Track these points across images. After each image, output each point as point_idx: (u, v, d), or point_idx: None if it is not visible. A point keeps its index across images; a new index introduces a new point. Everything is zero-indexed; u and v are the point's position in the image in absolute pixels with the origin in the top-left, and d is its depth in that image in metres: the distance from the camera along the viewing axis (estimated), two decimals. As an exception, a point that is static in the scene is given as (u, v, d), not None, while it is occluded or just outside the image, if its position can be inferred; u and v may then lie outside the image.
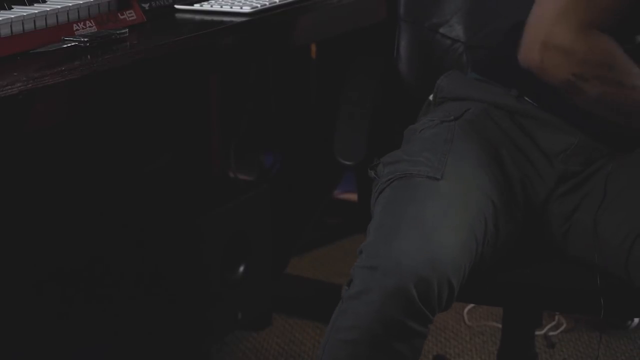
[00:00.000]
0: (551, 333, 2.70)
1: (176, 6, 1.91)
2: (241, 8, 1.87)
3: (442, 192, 1.57)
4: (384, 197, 1.61)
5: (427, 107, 1.85)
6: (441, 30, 1.98)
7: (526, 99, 1.70)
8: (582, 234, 1.65)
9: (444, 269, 1.47)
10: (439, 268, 1.46)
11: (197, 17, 1.88)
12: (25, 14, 1.61)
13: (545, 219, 1.69)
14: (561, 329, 2.73)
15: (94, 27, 1.70)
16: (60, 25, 1.67)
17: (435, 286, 1.45)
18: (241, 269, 2.49)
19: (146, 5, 1.85)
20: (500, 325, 2.24)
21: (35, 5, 1.68)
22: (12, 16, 1.59)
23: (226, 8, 1.88)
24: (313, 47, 2.88)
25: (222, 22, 1.84)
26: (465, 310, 2.73)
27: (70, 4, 1.69)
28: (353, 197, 3.17)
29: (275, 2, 1.93)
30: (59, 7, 1.67)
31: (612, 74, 1.56)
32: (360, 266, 1.49)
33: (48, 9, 1.65)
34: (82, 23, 1.70)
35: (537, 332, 2.63)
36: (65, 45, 1.62)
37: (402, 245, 1.47)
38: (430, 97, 1.84)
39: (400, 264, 1.45)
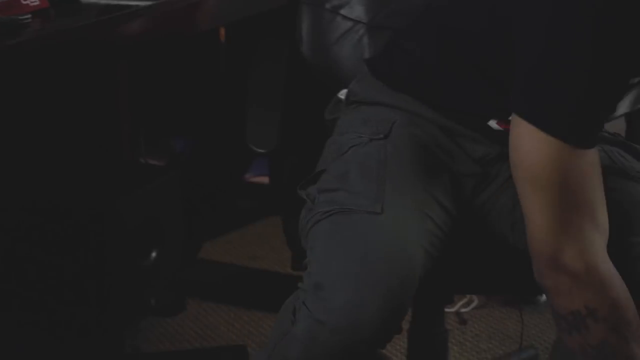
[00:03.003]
0: (463, 310, 2.74)
1: (80, -9, 1.90)
2: (146, -8, 1.86)
3: (384, 228, 1.54)
4: (323, 231, 1.59)
5: (336, 104, 1.82)
6: (342, 11, 1.96)
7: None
8: (504, 215, 1.68)
9: (394, 316, 1.50)
10: (391, 317, 1.49)
11: (102, 1, 1.86)
12: None
13: (473, 208, 1.71)
14: (473, 305, 2.76)
15: (-4, 13, 1.68)
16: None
17: (387, 332, 1.50)
18: (153, 254, 2.47)
19: (50, -10, 1.83)
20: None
21: None
22: None
23: (131, -8, 1.87)
24: (222, 31, 2.87)
25: (127, 6, 1.83)
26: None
27: (-29, -10, 1.67)
28: (264, 180, 3.18)
29: (181, -14, 1.93)
30: (-40, -7, 1.65)
31: (622, 323, 1.45)
32: (308, 311, 1.50)
33: (-52, -5, 1.62)
34: (-17, 9, 1.67)
35: (448, 310, 2.67)
36: (-34, 32, 1.59)
37: (348, 300, 1.48)
38: (340, 96, 1.81)
39: (348, 323, 1.47)
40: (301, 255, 1.87)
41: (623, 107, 1.88)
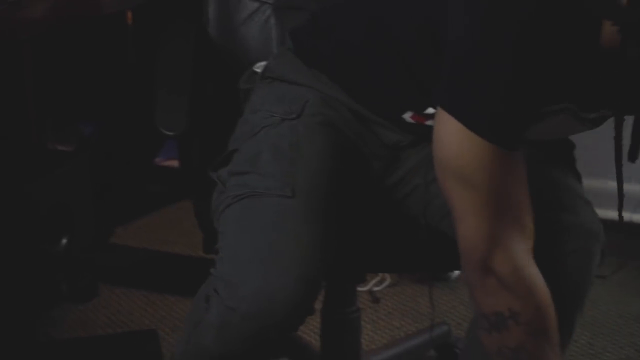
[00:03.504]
0: (375, 288, 2.76)
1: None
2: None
3: (294, 212, 1.55)
4: (234, 216, 1.58)
5: (251, 76, 1.80)
6: None
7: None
8: (417, 196, 1.69)
9: (305, 301, 1.50)
10: (302, 302, 1.49)
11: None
12: None
13: (385, 189, 1.72)
14: (385, 284, 2.78)
15: None
16: None
17: (298, 316, 1.50)
18: (64, 241, 2.45)
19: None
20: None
21: None
22: None
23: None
24: (129, 14, 2.84)
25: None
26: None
27: None
28: (175, 163, 3.17)
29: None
30: None
31: (541, 329, 1.46)
32: (220, 298, 1.50)
33: None
34: None
35: (361, 288, 2.69)
36: None
37: (259, 285, 1.48)
38: (256, 69, 1.81)
39: (259, 309, 1.47)
40: (213, 238, 1.87)
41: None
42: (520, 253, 1.44)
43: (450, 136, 1.41)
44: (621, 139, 1.47)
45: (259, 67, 1.79)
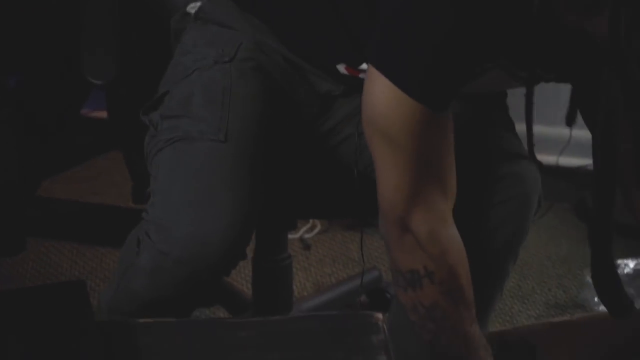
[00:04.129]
0: (306, 235, 2.77)
1: None
2: None
3: (227, 157, 1.54)
4: (166, 160, 1.57)
5: (183, 16, 1.77)
6: None
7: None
8: (349, 143, 1.69)
9: (237, 245, 1.50)
10: (234, 246, 1.49)
11: None
12: None
13: (317, 136, 1.72)
14: (316, 230, 2.79)
15: None
16: None
17: (231, 260, 1.51)
18: (-10, 194, 2.42)
19: None
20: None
21: None
22: None
23: None
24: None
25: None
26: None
27: None
28: (103, 114, 3.13)
29: None
30: None
31: (455, 289, 1.47)
32: (152, 242, 1.50)
33: None
34: None
35: (292, 236, 2.69)
36: None
37: (191, 230, 1.47)
38: (190, 10, 1.78)
39: (191, 253, 1.47)
40: (143, 188, 1.86)
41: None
42: (439, 214, 1.44)
43: (379, 94, 1.40)
44: (532, 95, 1.47)
45: (192, 7, 1.76)
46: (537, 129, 1.58)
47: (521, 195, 1.55)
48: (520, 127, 1.82)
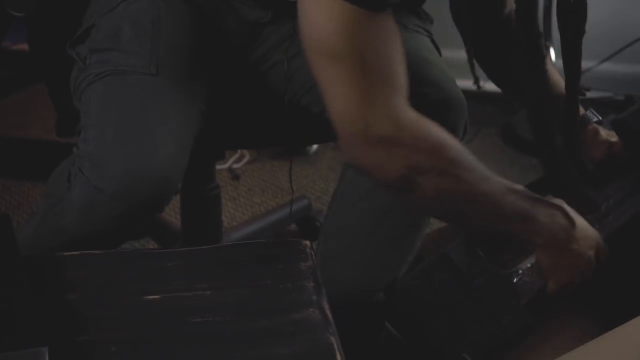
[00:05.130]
0: (235, 166, 2.77)
1: None
2: None
3: (160, 88, 1.52)
4: (97, 95, 1.54)
5: None
6: None
7: None
8: (278, 71, 1.68)
9: (173, 179, 1.46)
10: (170, 181, 1.45)
11: None
12: None
13: (246, 66, 1.71)
14: (244, 161, 2.80)
15: None
16: None
17: (167, 195, 1.47)
18: None
19: None
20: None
21: None
22: None
23: None
24: None
25: None
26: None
27: None
28: (24, 47, 3.08)
29: None
30: None
31: (447, 164, 1.40)
32: (85, 181, 1.45)
33: None
34: None
35: (220, 166, 2.69)
36: None
37: (127, 165, 1.43)
38: None
39: (128, 188, 1.43)
40: (67, 121, 1.84)
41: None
42: (397, 109, 1.39)
43: (314, 8, 1.38)
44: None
45: None
46: (461, 54, 1.59)
47: (448, 122, 1.56)
48: (449, 53, 1.83)
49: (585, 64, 1.58)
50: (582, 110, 1.67)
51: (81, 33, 1.64)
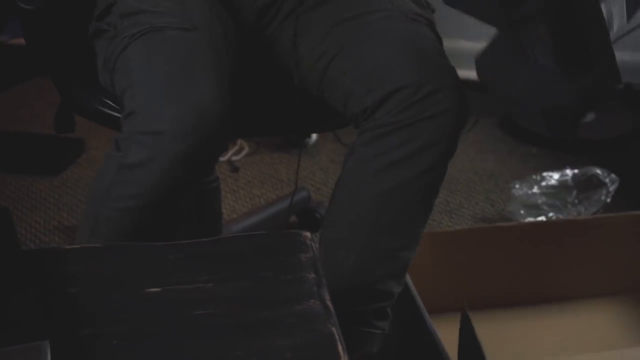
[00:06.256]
0: (234, 158, 2.77)
1: None
2: None
3: (198, 42, 1.53)
4: (137, 52, 1.54)
5: None
6: None
7: None
8: (284, 55, 1.69)
9: (226, 122, 1.46)
10: (224, 123, 1.45)
11: None
12: None
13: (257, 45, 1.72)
14: (244, 152, 2.79)
15: None
16: None
17: (223, 141, 1.47)
18: None
19: None
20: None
21: None
22: None
23: None
24: None
25: None
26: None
27: None
28: (21, 42, 3.08)
29: None
30: None
31: None
32: (139, 132, 1.43)
33: None
34: None
35: (220, 158, 2.69)
36: None
37: (183, 107, 1.43)
38: None
39: (187, 126, 1.41)
40: (68, 115, 1.84)
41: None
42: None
43: None
44: None
45: None
46: (462, 43, 1.59)
47: (450, 110, 1.56)
48: (450, 43, 1.83)
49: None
50: None
51: (103, 10, 1.66)
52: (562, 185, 2.48)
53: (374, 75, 1.56)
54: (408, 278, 1.70)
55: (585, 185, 2.48)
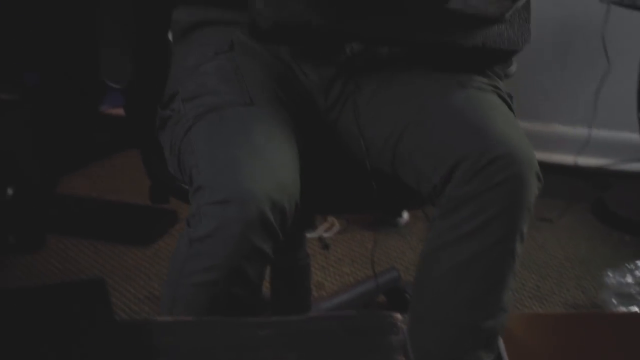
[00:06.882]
0: (325, 235, 2.77)
1: None
2: None
3: (259, 116, 1.55)
4: (201, 132, 1.56)
5: (183, 34, 1.79)
6: None
7: None
8: (352, 139, 1.69)
9: (291, 190, 1.47)
10: (287, 190, 1.46)
11: None
12: None
13: (325, 128, 1.72)
14: (334, 230, 2.79)
15: None
16: None
17: (288, 208, 1.46)
18: (9, 191, 2.43)
19: None
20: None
21: None
22: None
23: None
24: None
25: None
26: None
27: None
28: (120, 112, 3.14)
29: None
30: None
31: None
32: (208, 203, 1.44)
33: None
34: None
35: (310, 235, 2.70)
36: None
37: (248, 175, 1.44)
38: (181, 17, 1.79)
39: (254, 192, 1.42)
40: (161, 187, 1.86)
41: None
42: None
43: None
44: None
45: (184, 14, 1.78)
46: (556, 128, 1.58)
47: (515, 177, 1.54)
48: (535, 125, 1.82)
49: None
50: None
51: (167, 99, 1.69)
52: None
53: (438, 151, 1.55)
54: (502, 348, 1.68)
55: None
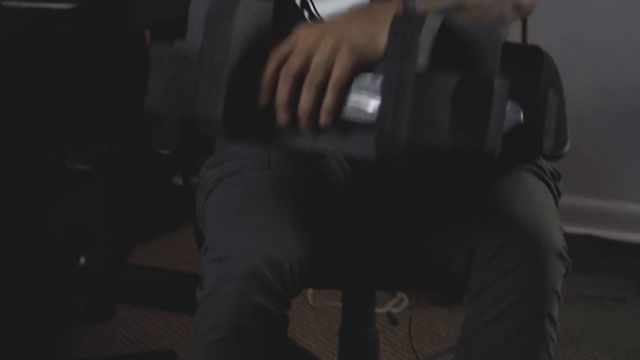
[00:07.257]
0: (394, 310, 2.75)
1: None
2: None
3: (273, 180, 1.56)
4: (216, 196, 1.58)
5: None
6: None
7: None
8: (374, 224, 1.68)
9: (291, 247, 1.46)
10: (286, 247, 1.45)
11: (23, 4, 1.83)
12: None
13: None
14: (403, 305, 2.77)
15: None
16: None
17: (287, 265, 1.44)
18: (82, 260, 2.45)
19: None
20: (343, 305, 2.26)
21: None
22: None
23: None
24: (147, 33, 2.85)
25: (49, 9, 1.80)
26: (309, 291, 2.75)
27: None
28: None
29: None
30: None
31: None
32: (208, 262, 1.45)
33: None
34: None
35: (379, 310, 2.68)
36: None
37: (246, 232, 1.45)
38: None
39: (248, 248, 1.42)
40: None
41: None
42: None
43: None
44: None
45: None
46: (628, 207, 1.55)
47: (530, 261, 1.47)
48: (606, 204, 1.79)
49: None
50: None
51: (198, 167, 1.72)
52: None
53: (454, 240, 1.55)
54: None
55: None
